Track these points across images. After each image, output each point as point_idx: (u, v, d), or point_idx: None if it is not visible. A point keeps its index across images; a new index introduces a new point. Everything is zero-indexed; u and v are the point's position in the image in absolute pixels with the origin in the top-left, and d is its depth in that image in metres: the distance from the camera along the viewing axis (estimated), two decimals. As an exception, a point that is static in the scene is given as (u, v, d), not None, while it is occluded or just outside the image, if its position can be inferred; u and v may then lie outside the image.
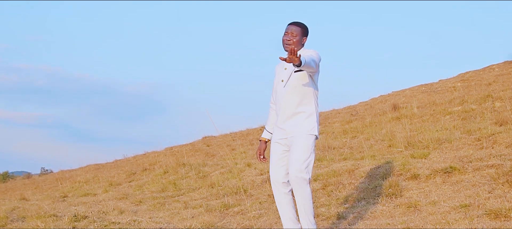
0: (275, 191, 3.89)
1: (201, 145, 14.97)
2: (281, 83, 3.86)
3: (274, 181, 3.87)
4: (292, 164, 3.69)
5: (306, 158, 3.70)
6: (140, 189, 9.12)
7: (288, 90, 3.82)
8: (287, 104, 3.81)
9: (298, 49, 3.88)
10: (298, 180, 3.66)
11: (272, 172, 3.89)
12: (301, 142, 3.73)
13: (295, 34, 3.85)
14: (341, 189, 5.91)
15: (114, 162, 17.45)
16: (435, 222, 4.22)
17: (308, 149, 3.72)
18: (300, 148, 3.71)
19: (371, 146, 7.95)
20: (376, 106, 13.97)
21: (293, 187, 3.72)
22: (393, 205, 5.01)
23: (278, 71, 3.97)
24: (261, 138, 4.10)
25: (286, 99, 3.82)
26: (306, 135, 3.75)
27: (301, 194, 3.69)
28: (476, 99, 9.81)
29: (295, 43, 3.86)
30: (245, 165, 8.51)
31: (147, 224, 5.64)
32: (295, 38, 3.85)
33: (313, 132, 3.77)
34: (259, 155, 4.06)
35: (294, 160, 3.69)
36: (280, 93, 3.87)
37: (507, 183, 4.77)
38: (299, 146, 3.72)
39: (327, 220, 4.94)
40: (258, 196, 6.44)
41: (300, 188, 3.67)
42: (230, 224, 5.32)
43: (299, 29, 3.87)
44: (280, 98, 3.86)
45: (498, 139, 6.46)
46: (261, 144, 4.08)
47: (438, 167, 5.62)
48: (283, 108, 3.83)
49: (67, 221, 5.76)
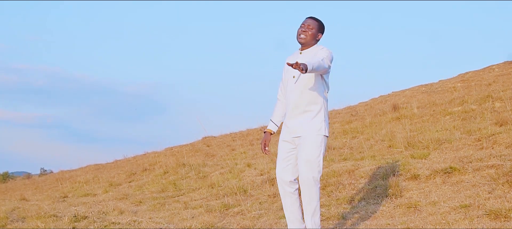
0: (281, 190, 3.86)
1: (201, 146, 14.97)
2: (292, 79, 3.83)
3: (280, 180, 3.85)
4: (302, 164, 3.67)
5: (315, 158, 3.68)
6: (140, 189, 9.12)
7: (298, 87, 3.78)
8: (297, 101, 3.78)
9: (311, 43, 3.85)
10: (309, 181, 3.65)
11: (278, 171, 3.86)
12: (310, 142, 3.71)
13: (311, 26, 3.82)
14: (341, 190, 5.91)
15: (114, 163, 17.44)
16: (435, 223, 4.21)
17: (317, 148, 3.70)
18: (310, 148, 3.69)
19: (371, 146, 7.95)
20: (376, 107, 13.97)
21: (302, 187, 3.70)
22: (393, 205, 5.01)
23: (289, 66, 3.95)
24: (266, 130, 4.03)
25: (295, 96, 3.78)
26: (315, 135, 3.72)
27: (309, 195, 3.68)
28: (476, 99, 9.81)
29: (310, 35, 3.82)
30: (245, 165, 8.51)
31: (147, 225, 5.64)
32: (311, 31, 3.82)
33: (322, 132, 3.74)
34: (263, 146, 3.98)
35: (304, 160, 3.68)
36: (289, 89, 3.83)
37: (507, 184, 4.77)
38: (309, 146, 3.70)
39: (327, 220, 4.94)
40: (258, 197, 6.44)
41: (309, 188, 3.66)
42: (230, 225, 5.31)
43: (316, 24, 3.84)
44: (290, 94, 3.83)
45: (498, 139, 6.46)
46: (266, 135, 4.00)
47: (438, 168, 5.62)
48: (292, 105, 3.80)
49: (67, 221, 5.76)
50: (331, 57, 3.76)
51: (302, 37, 3.83)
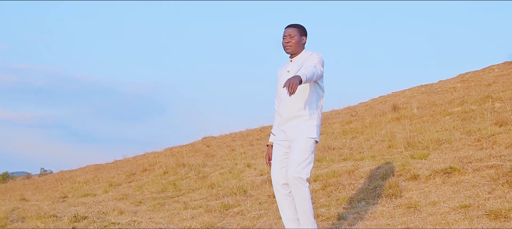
0: (276, 192, 3.92)
1: (201, 146, 14.96)
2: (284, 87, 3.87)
3: (275, 182, 3.91)
4: (289, 165, 3.73)
5: (303, 160, 3.72)
6: (140, 189, 9.12)
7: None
8: (290, 107, 3.83)
9: (299, 50, 3.89)
10: (295, 181, 3.69)
11: (273, 173, 3.92)
12: (299, 144, 3.76)
13: (292, 35, 3.87)
14: (341, 190, 5.91)
15: (114, 163, 17.43)
16: (435, 223, 4.22)
17: (306, 151, 3.74)
18: (298, 150, 3.74)
19: (371, 146, 7.95)
20: (376, 107, 13.97)
21: (291, 188, 3.75)
22: (393, 205, 5.01)
23: (281, 74, 3.98)
24: (268, 143, 4.13)
25: (288, 102, 3.83)
26: (305, 138, 3.77)
27: (298, 194, 3.72)
28: (476, 99, 9.81)
29: (295, 43, 3.87)
30: (245, 165, 8.51)
31: (146, 225, 5.64)
32: (293, 40, 3.87)
33: (312, 136, 3.78)
34: (268, 160, 4.09)
35: (291, 161, 3.73)
36: (283, 96, 3.88)
37: (507, 184, 4.77)
38: (297, 148, 3.75)
39: (327, 220, 4.94)
40: (258, 197, 6.44)
41: (297, 188, 3.71)
42: (230, 225, 5.32)
43: (296, 30, 3.88)
44: (283, 101, 3.89)
45: (498, 139, 6.46)
46: (269, 149, 4.10)
47: (438, 168, 5.62)
48: (286, 111, 3.86)
49: (67, 221, 5.77)
50: (322, 61, 3.80)
51: (288, 48, 3.89)
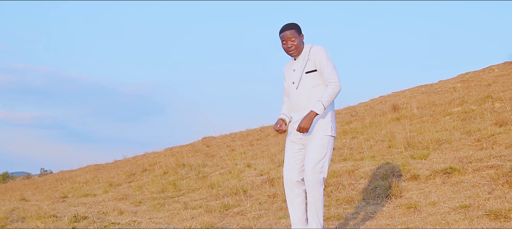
0: (287, 190, 3.87)
1: (201, 146, 14.96)
2: (292, 85, 3.85)
3: (287, 180, 3.86)
4: (308, 164, 3.70)
5: (321, 158, 3.70)
6: (140, 189, 9.12)
7: (301, 91, 3.80)
8: (301, 105, 3.79)
9: (300, 48, 3.85)
10: (313, 181, 3.67)
11: (286, 171, 3.87)
12: (316, 142, 3.73)
13: (291, 36, 3.82)
14: (341, 190, 5.91)
15: (113, 163, 17.43)
16: (435, 223, 4.22)
17: (323, 149, 3.72)
18: (315, 149, 3.71)
19: (371, 146, 7.95)
20: (376, 107, 13.96)
21: (307, 187, 3.73)
22: (393, 205, 5.01)
23: (287, 72, 3.94)
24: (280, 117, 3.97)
25: (299, 100, 3.80)
26: (321, 136, 3.74)
27: (313, 194, 3.70)
28: (476, 99, 9.81)
29: (296, 45, 3.83)
30: (245, 165, 8.51)
31: (146, 225, 5.64)
32: (294, 43, 3.82)
33: (328, 133, 3.76)
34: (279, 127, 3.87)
35: (309, 160, 3.70)
36: (292, 95, 3.84)
37: (507, 184, 4.77)
38: (314, 146, 3.72)
39: (327, 221, 4.94)
40: (257, 197, 6.44)
41: (314, 188, 3.69)
42: (230, 225, 5.32)
43: (292, 30, 3.83)
44: (293, 100, 3.85)
45: (498, 140, 6.45)
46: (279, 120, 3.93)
47: (438, 168, 5.62)
48: (298, 110, 3.82)
49: (67, 221, 5.76)
50: (330, 61, 3.74)
51: (293, 52, 3.84)
